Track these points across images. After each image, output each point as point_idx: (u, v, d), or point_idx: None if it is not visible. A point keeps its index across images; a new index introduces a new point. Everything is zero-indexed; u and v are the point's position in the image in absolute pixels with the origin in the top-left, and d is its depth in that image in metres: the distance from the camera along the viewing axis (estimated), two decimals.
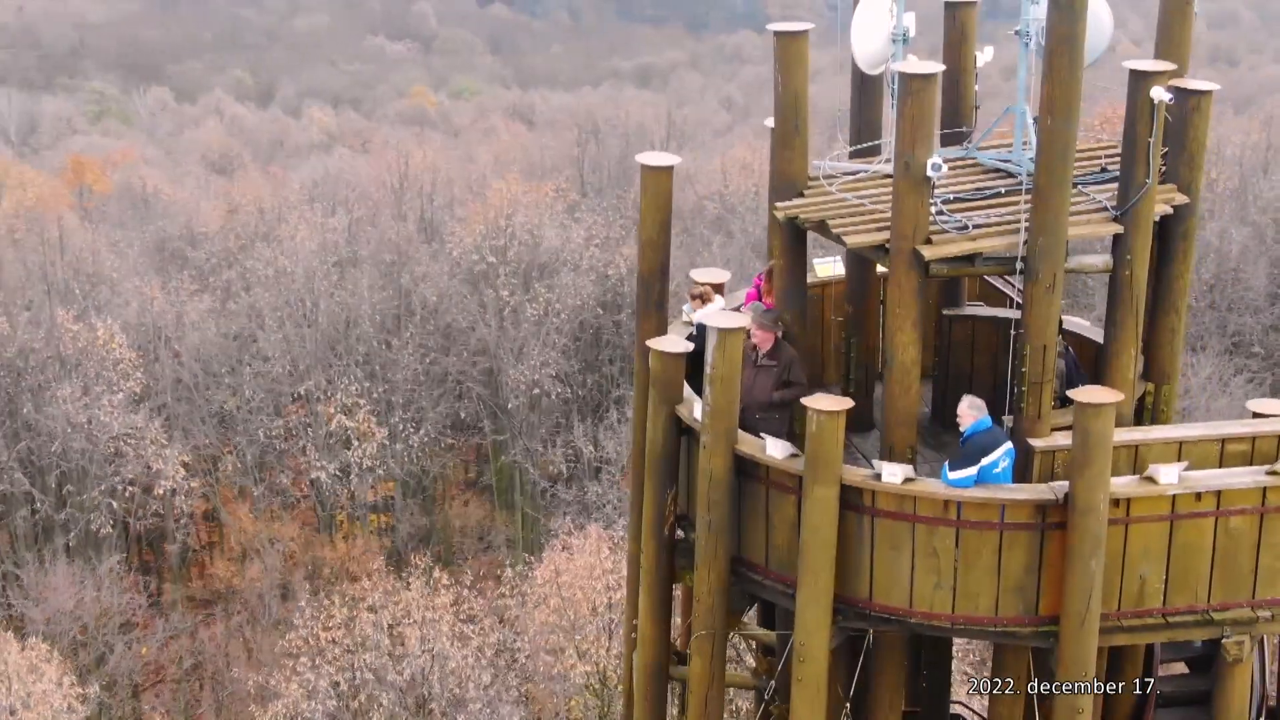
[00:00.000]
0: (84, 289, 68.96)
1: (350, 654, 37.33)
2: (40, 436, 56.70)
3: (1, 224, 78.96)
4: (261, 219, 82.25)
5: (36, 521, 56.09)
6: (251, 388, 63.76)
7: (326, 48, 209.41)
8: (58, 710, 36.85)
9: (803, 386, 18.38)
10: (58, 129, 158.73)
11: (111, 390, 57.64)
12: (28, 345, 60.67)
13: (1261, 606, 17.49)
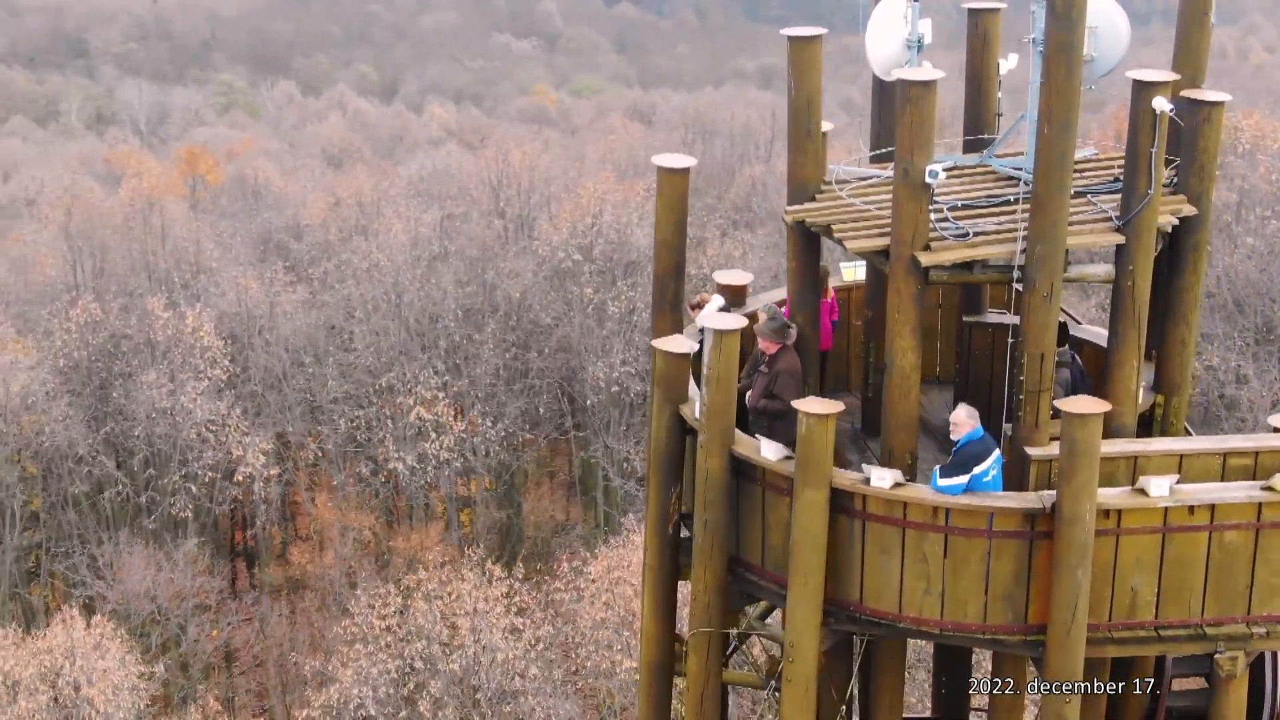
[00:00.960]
0: (184, 278, 70.36)
1: (404, 643, 37.88)
2: (126, 421, 58.02)
3: (117, 212, 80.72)
4: (361, 213, 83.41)
5: (119, 504, 57.38)
6: (336, 378, 64.79)
7: (452, 44, 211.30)
8: (119, 687, 37.83)
9: (783, 402, 18.43)
10: (186, 120, 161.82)
11: (197, 377, 58.86)
12: (120, 331, 62.12)
13: (1257, 623, 17.35)
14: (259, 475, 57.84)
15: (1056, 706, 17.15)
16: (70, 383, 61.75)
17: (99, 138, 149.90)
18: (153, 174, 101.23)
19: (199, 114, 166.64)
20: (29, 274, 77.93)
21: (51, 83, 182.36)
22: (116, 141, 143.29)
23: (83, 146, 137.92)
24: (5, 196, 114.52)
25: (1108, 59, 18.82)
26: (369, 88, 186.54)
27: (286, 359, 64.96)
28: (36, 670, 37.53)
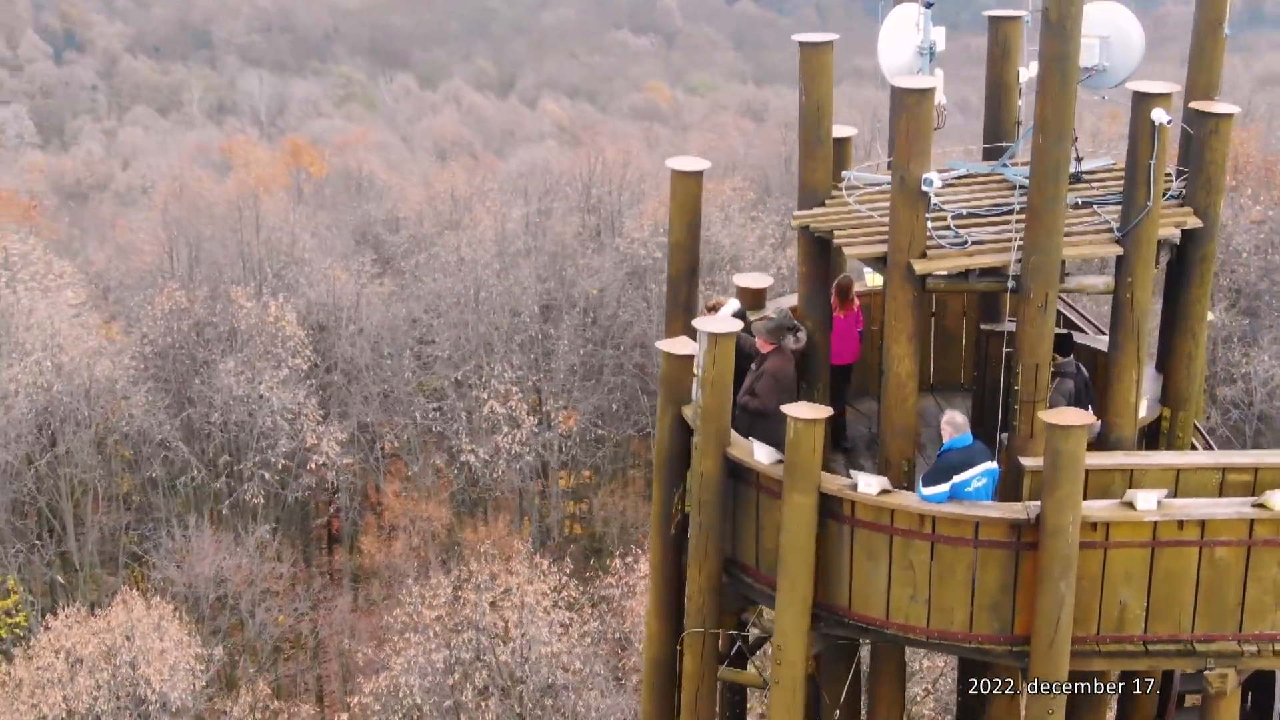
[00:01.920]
0: (276, 267, 71.46)
1: (453, 633, 38.32)
2: (204, 407, 59.11)
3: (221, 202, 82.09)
4: (454, 207, 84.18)
5: (194, 489, 58.48)
6: (414, 370, 65.48)
7: (571, 40, 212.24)
8: (175, 667, 38.64)
9: (760, 401, 18.49)
10: (304, 111, 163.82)
11: (277, 366, 59.79)
12: (205, 319, 63.25)
13: (1248, 641, 17.18)
14: (333, 464, 58.66)
15: (1040, 710, 17.11)
16: (154, 369, 63.04)
17: (218, 128, 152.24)
18: (260, 164, 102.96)
19: (316, 105, 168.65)
20: (130, 261, 79.59)
21: (175, 73, 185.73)
22: (234, 132, 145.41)
23: (201, 136, 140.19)
24: (123, 184, 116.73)
25: (1121, 69, 18.73)
26: (486, 82, 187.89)
27: (368, 350, 65.76)
28: (97, 649, 38.46)
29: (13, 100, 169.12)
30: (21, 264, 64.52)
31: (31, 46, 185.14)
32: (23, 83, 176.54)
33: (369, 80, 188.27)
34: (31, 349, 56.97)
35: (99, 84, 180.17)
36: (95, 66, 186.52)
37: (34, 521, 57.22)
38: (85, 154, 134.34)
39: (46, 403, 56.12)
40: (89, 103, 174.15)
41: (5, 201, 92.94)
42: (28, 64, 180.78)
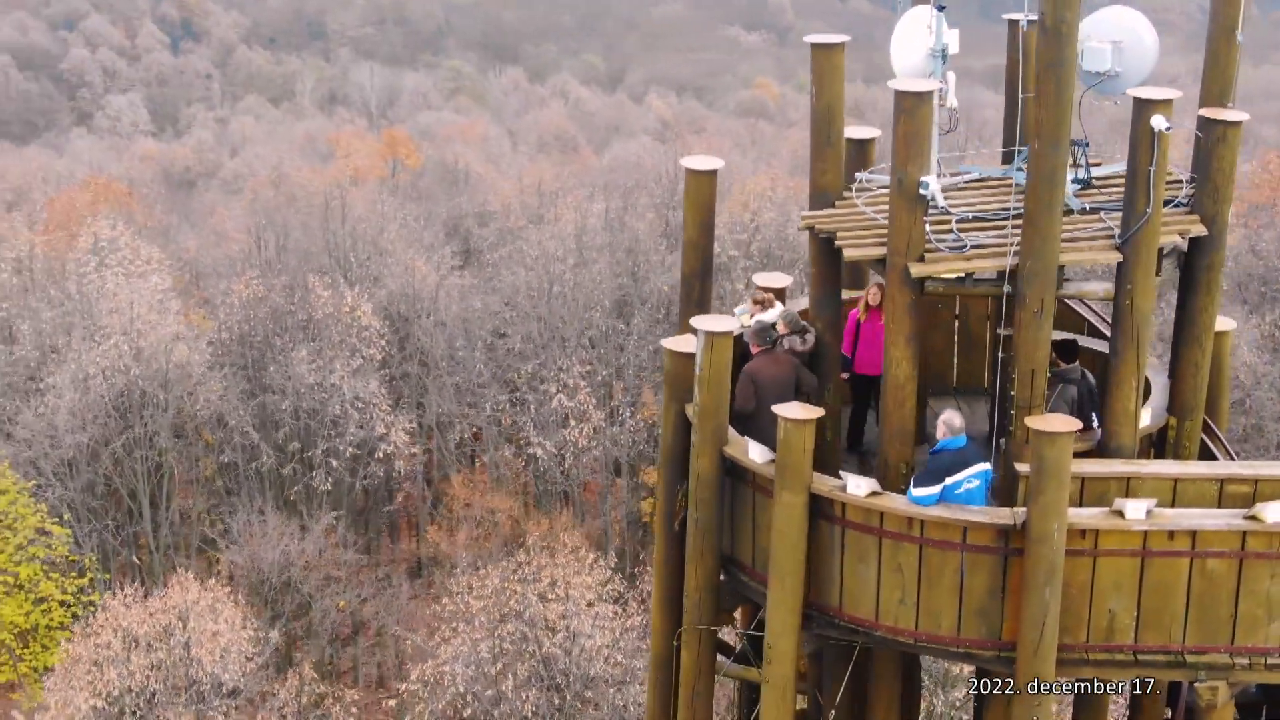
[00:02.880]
0: (360, 258, 72.33)
1: (499, 624, 38.64)
2: (276, 394, 59.98)
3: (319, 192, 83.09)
4: (540, 201, 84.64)
5: (263, 474, 59.34)
6: (486, 362, 65.96)
7: (682, 36, 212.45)
8: (227, 649, 39.31)
9: (734, 400, 18.60)
10: (414, 103, 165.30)
11: (352, 355, 60.52)
12: (283, 308, 64.16)
13: (1240, 654, 17.02)
14: (401, 453, 59.30)
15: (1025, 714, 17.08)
16: (232, 355, 64.10)
17: (328, 118, 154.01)
18: (359, 155, 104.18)
19: (426, 98, 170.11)
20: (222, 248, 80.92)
21: (289, 63, 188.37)
22: (344, 123, 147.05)
23: (311, 126, 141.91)
24: (230, 172, 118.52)
25: (1134, 74, 18.59)
26: (594, 77, 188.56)
27: (443, 341, 66.36)
28: (153, 629, 39.24)
29: (130, 89, 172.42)
30: (110, 249, 65.85)
31: (149, 36, 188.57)
32: (140, 72, 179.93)
33: (479, 74, 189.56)
34: (111, 333, 58.10)
35: (214, 73, 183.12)
36: (211, 56, 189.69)
37: (110, 503, 58.38)
38: (196, 142, 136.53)
39: (125, 386, 57.22)
40: (203, 92, 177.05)
41: (102, 188, 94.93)
42: (145, 53, 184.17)
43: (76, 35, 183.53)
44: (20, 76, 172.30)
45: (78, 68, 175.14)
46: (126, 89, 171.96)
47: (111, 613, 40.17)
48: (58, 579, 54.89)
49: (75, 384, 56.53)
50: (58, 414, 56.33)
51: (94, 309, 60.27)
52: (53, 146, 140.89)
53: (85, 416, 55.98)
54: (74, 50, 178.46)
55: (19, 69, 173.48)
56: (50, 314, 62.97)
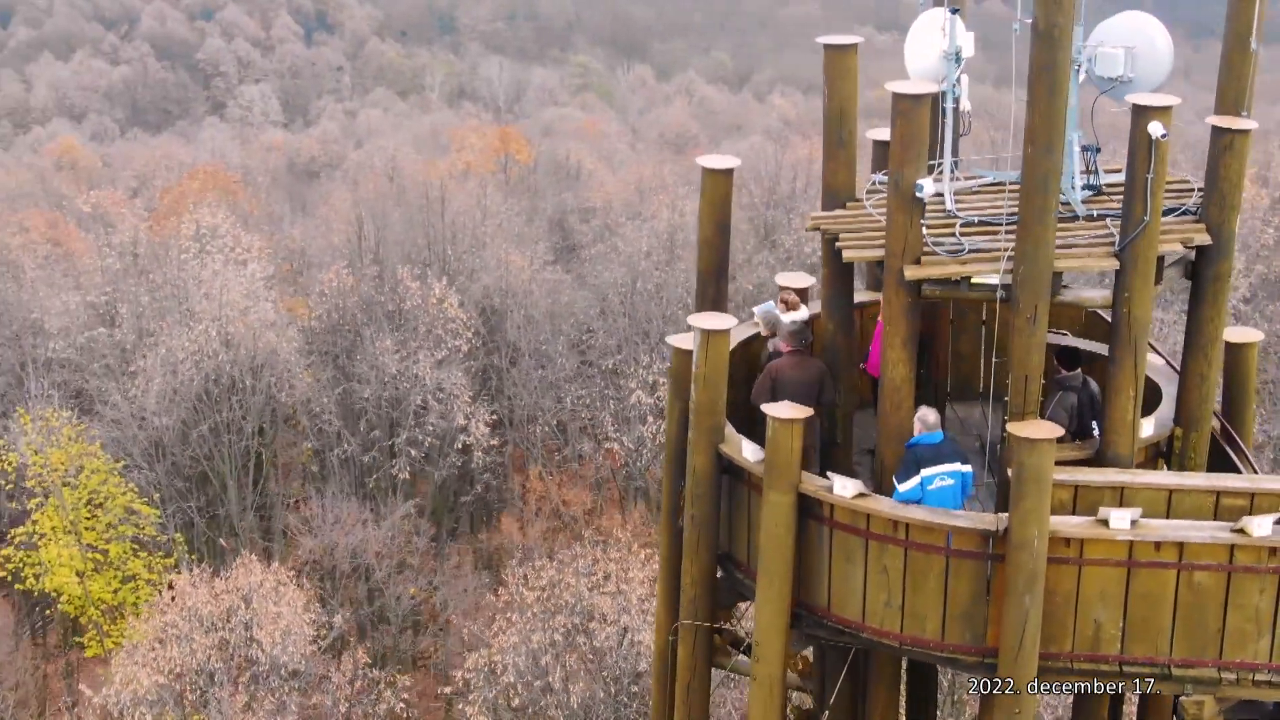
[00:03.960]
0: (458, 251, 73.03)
1: (550, 615, 38.91)
2: (360, 383, 60.78)
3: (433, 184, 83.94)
4: (641, 198, 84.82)
5: (343, 461, 60.14)
6: (568, 356, 66.28)
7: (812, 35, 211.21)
8: (287, 631, 39.98)
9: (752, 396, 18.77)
10: (540, 99, 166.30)
11: (436, 347, 61.14)
12: (373, 298, 65.00)
13: (1228, 669, 16.82)
14: (481, 444, 59.79)
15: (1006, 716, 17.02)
16: (321, 344, 65.06)
17: (454, 112, 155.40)
18: (473, 150, 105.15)
19: (553, 94, 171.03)
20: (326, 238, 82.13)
21: (419, 57, 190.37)
22: (468, 117, 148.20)
23: (434, 120, 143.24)
24: (353, 164, 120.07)
25: (1147, 80, 18.41)
26: (722, 75, 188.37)
27: (531, 335, 66.78)
28: (215, 610, 40.06)
29: (263, 79, 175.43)
30: (211, 237, 67.14)
31: (284, 28, 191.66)
32: (273, 63, 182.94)
33: (607, 70, 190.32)
34: (202, 318, 59.28)
35: (345, 66, 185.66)
36: (343, 48, 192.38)
37: (196, 485, 59.58)
38: (321, 133, 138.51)
39: (213, 371, 58.36)
40: (334, 84, 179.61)
41: (210, 176, 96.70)
42: (279, 44, 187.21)
43: (213, 25, 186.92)
44: (158, 66, 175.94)
45: (213, 58, 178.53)
46: (259, 79, 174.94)
47: (178, 592, 41.09)
48: (145, 558, 56.15)
49: (165, 368, 57.77)
50: (148, 396, 57.63)
51: (189, 294, 61.52)
52: (184, 135, 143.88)
53: (173, 400, 57.17)
54: (210, 40, 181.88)
55: (157, 58, 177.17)
56: (148, 299, 64.42)
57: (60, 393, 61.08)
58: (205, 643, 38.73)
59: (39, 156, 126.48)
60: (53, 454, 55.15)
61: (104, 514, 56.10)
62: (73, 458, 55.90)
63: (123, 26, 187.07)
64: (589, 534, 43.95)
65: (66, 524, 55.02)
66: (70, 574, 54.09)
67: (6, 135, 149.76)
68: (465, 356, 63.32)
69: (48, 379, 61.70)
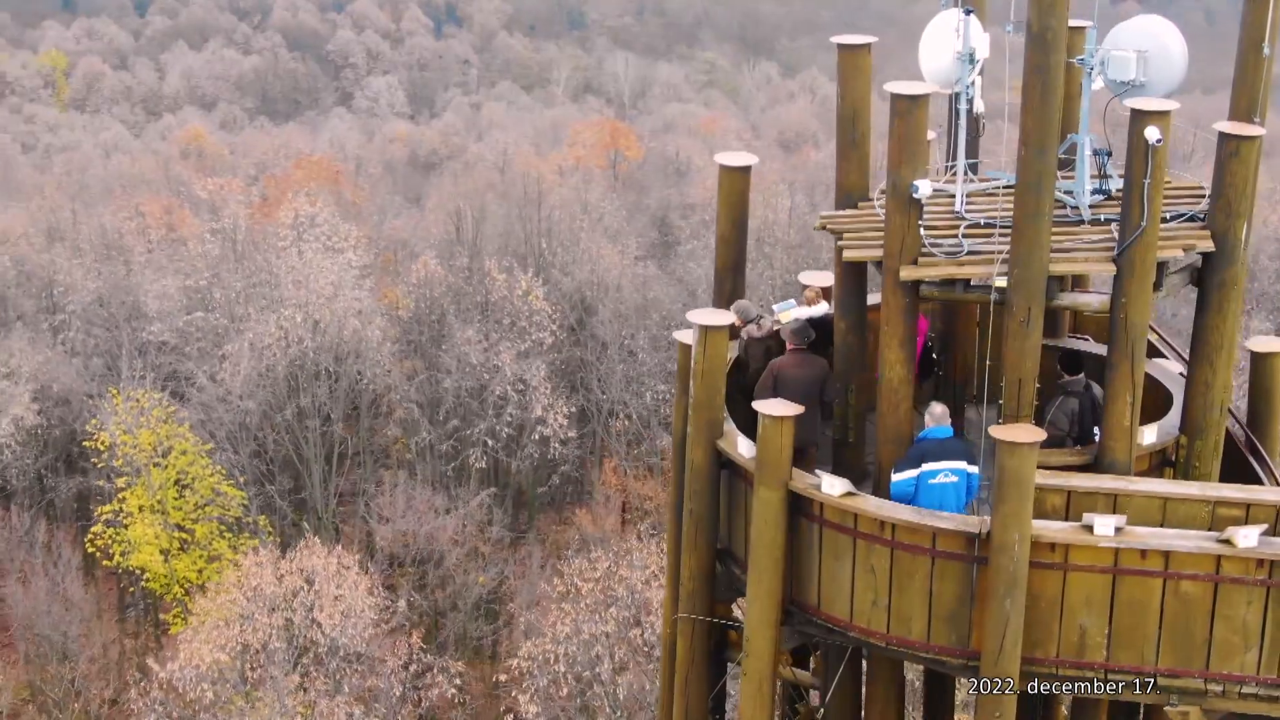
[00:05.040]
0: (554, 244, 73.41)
1: (604, 606, 39.11)
2: (441, 372, 61.40)
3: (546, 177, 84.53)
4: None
5: (422, 449, 60.78)
6: (650, 352, 66.37)
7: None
8: (346, 614, 40.55)
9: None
10: (664, 95, 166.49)
11: (520, 338, 61.59)
12: (460, 289, 65.61)
13: (1214, 680, 16.65)
14: (557, 436, 60.12)
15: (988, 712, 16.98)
16: (407, 332, 65.87)
17: (577, 106, 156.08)
18: (585, 145, 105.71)
19: (677, 90, 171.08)
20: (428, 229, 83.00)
21: (546, 51, 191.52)
22: (591, 112, 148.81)
23: (557, 114, 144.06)
24: (473, 156, 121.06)
25: (1160, 84, 18.25)
26: None
27: (618, 329, 66.99)
28: (278, 591, 40.78)
29: (391, 71, 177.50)
30: (309, 225, 68.19)
31: (414, 20, 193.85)
32: (402, 55, 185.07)
33: (733, 67, 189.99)
34: (290, 304, 60.27)
35: (472, 59, 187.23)
36: (472, 41, 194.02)
37: (279, 469, 60.60)
38: (444, 125, 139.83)
39: (298, 356, 59.29)
40: (460, 77, 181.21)
41: (315, 165, 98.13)
42: (409, 37, 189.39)
43: (344, 17, 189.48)
44: (288, 56, 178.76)
45: (343, 49, 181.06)
46: (387, 71, 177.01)
47: (243, 572, 41.91)
48: (231, 539, 57.15)
49: (253, 352, 58.85)
50: (235, 380, 58.77)
51: (280, 281, 62.57)
52: (309, 125, 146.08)
53: (259, 385, 58.22)
54: (341, 32, 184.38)
55: (288, 49, 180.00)
56: (241, 284, 65.62)
57: (156, 375, 62.54)
58: (266, 622, 39.44)
59: (167, 143, 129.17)
60: (142, 434, 56.37)
61: (192, 495, 57.23)
62: (161, 439, 57.09)
63: (255, 17, 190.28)
64: (643, 528, 44.06)
65: (154, 503, 56.21)
66: (155, 552, 55.26)
67: (139, 122, 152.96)
68: (549, 349, 63.74)
69: (145, 361, 63.19)
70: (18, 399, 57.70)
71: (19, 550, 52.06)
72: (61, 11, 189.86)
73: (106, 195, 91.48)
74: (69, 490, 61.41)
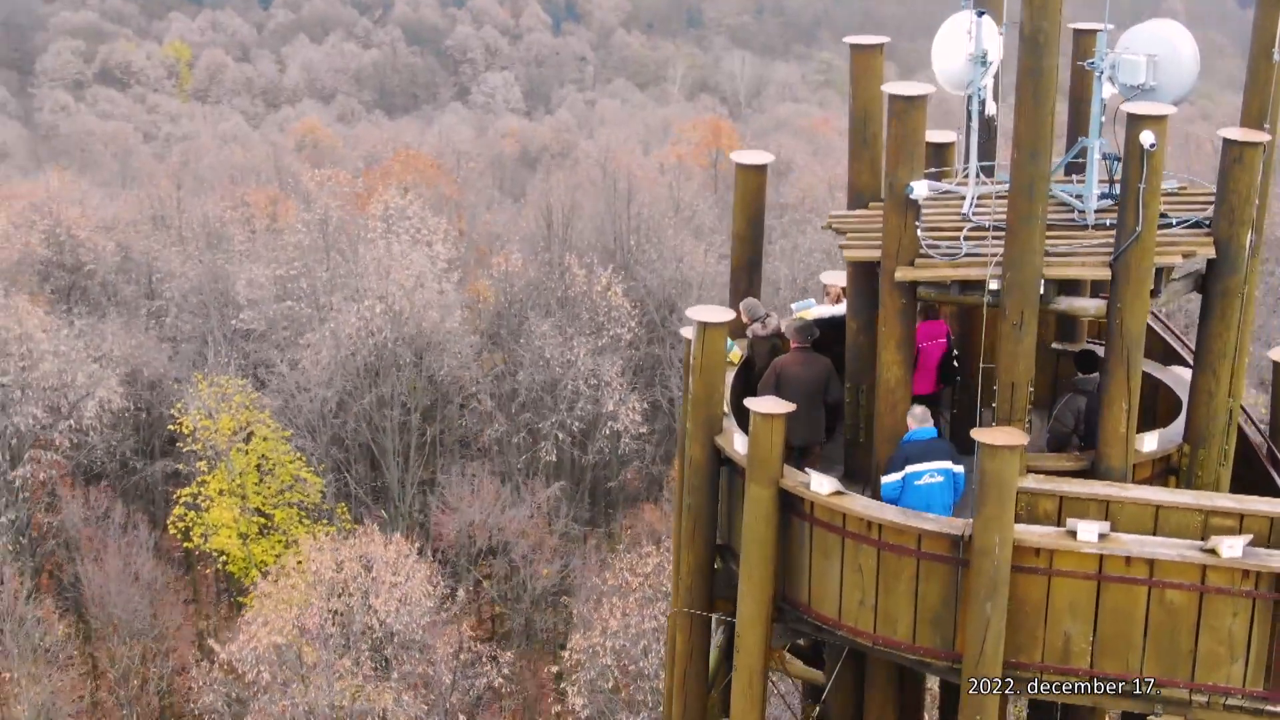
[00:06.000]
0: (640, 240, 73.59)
1: (652, 601, 39.25)
2: (516, 365, 61.79)
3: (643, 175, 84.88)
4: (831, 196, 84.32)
5: (493, 440, 61.22)
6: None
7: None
8: (402, 600, 41.03)
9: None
10: (779, 94, 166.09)
11: (596, 334, 61.76)
12: (542, 283, 65.92)
13: (1199, 691, 16.51)
14: (629, 432, 60.21)
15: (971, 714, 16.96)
16: (486, 325, 66.36)
17: (691, 105, 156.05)
18: (689, 143, 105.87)
19: (792, 89, 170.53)
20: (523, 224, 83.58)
21: (663, 49, 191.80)
22: (705, 110, 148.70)
23: (669, 112, 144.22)
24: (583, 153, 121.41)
25: (1170, 89, 18.10)
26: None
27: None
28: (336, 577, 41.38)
29: (508, 67, 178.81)
30: (398, 218, 68.98)
31: (533, 16, 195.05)
32: (520, 51, 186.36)
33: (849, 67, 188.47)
34: (370, 295, 61.01)
35: (589, 56, 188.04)
36: (589, 38, 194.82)
37: (355, 457, 61.36)
38: (556, 122, 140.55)
39: (377, 347, 60.02)
40: (576, 73, 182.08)
41: (413, 158, 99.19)
42: (527, 33, 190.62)
43: (464, 13, 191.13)
44: (407, 51, 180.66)
45: (461, 44, 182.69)
46: (505, 67, 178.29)
47: (303, 556, 42.57)
48: (309, 525, 57.89)
49: (334, 341, 59.66)
50: (316, 368, 59.62)
51: (365, 272, 63.33)
52: (424, 119, 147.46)
53: (336, 373, 59.02)
54: (460, 27, 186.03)
55: (407, 43, 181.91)
56: (327, 274, 66.52)
57: (245, 362, 63.65)
58: (323, 606, 40.07)
59: (284, 135, 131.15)
60: (222, 419, 57.33)
61: (273, 480, 58.10)
62: (242, 424, 58.01)
63: (376, 11, 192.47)
64: None
65: (234, 487, 57.16)
66: (234, 536, 56.19)
67: (258, 114, 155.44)
68: (627, 345, 63.90)
69: (232, 348, 64.30)
70: (105, 382, 58.87)
71: (97, 530, 53.23)
72: (187, 3, 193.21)
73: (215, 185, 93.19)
74: (152, 473, 62.65)
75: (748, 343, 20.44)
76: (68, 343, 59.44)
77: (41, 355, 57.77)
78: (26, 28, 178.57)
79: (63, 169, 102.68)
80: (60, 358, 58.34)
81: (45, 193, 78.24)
